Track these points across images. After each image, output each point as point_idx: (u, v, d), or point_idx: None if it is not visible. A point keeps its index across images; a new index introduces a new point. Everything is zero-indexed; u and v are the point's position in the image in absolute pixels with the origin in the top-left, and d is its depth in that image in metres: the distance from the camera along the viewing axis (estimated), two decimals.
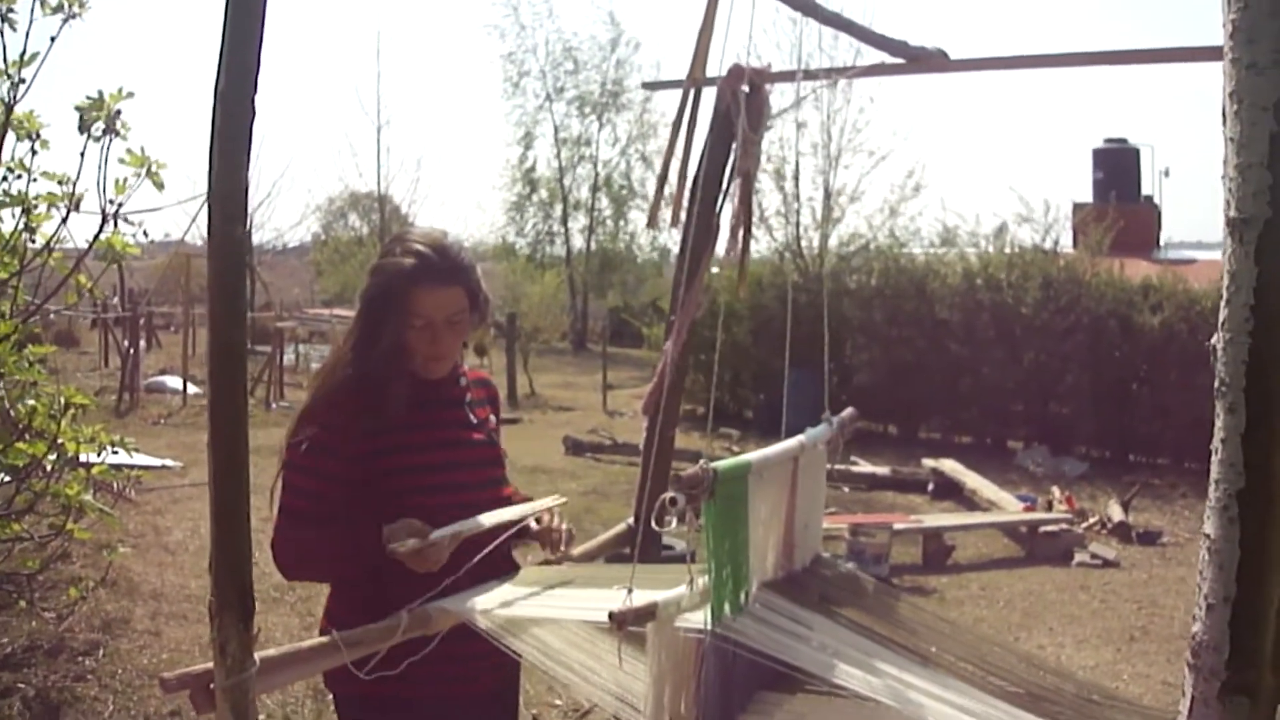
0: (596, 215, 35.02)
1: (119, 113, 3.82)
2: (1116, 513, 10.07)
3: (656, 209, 3.18)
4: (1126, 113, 66.04)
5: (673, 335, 2.98)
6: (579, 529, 2.86)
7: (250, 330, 1.79)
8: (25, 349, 4.15)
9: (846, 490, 11.18)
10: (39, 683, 5.25)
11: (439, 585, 2.44)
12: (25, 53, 3.85)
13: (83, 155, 3.83)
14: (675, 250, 3.35)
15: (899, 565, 8.42)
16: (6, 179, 4.00)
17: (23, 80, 3.87)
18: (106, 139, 3.81)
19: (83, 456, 4.28)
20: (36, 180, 3.99)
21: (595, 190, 34.89)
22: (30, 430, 4.12)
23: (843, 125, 19.74)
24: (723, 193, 3.03)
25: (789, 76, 3.07)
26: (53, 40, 3.90)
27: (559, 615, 2.32)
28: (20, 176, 4.00)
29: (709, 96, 3.06)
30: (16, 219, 4.04)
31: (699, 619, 2.15)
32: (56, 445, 4.15)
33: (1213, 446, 1.58)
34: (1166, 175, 32.81)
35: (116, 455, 4.45)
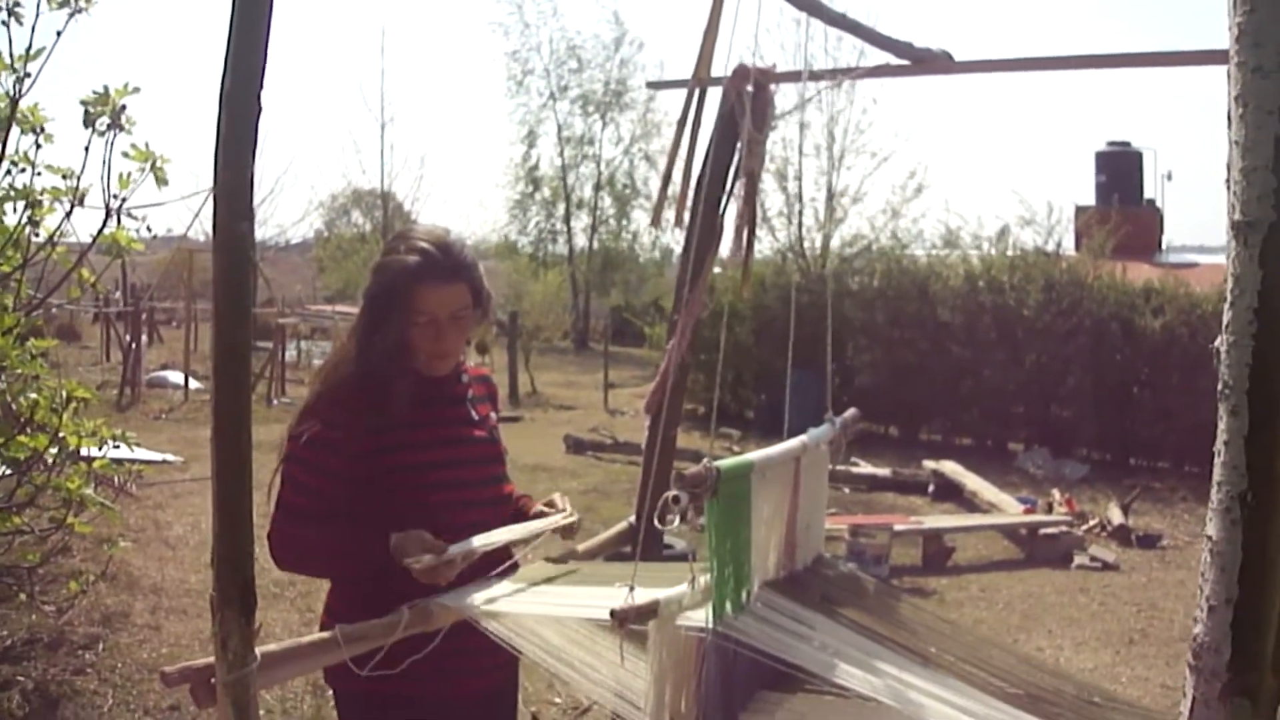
0: (599, 214, 35.02)
1: (124, 108, 3.82)
2: (1116, 515, 10.06)
3: (661, 209, 3.18)
4: (1129, 116, 65.98)
5: (676, 335, 2.98)
6: (581, 528, 2.86)
7: (252, 326, 1.79)
8: (28, 343, 4.16)
9: (847, 491, 11.18)
10: (39, 676, 5.26)
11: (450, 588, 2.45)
12: (31, 47, 3.86)
13: (87, 150, 3.84)
14: (678, 250, 3.36)
15: (899, 566, 8.42)
16: (10, 173, 4.01)
17: (28, 74, 3.88)
18: (111, 134, 3.82)
19: (84, 451, 4.29)
20: (41, 174, 4.00)
21: (598, 189, 34.89)
22: (32, 424, 4.12)
23: (846, 126, 19.82)
24: (727, 193, 3.03)
25: (794, 77, 3.07)
26: (59, 35, 3.90)
27: (560, 612, 2.32)
28: (24, 170, 4.00)
29: (713, 97, 3.06)
30: (20, 213, 4.05)
31: (700, 617, 2.15)
32: (58, 439, 4.15)
33: (1216, 449, 1.59)
34: (1169, 179, 32.87)
35: (118, 450, 4.46)
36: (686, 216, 3.10)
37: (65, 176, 3.96)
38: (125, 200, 3.90)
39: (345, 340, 2.71)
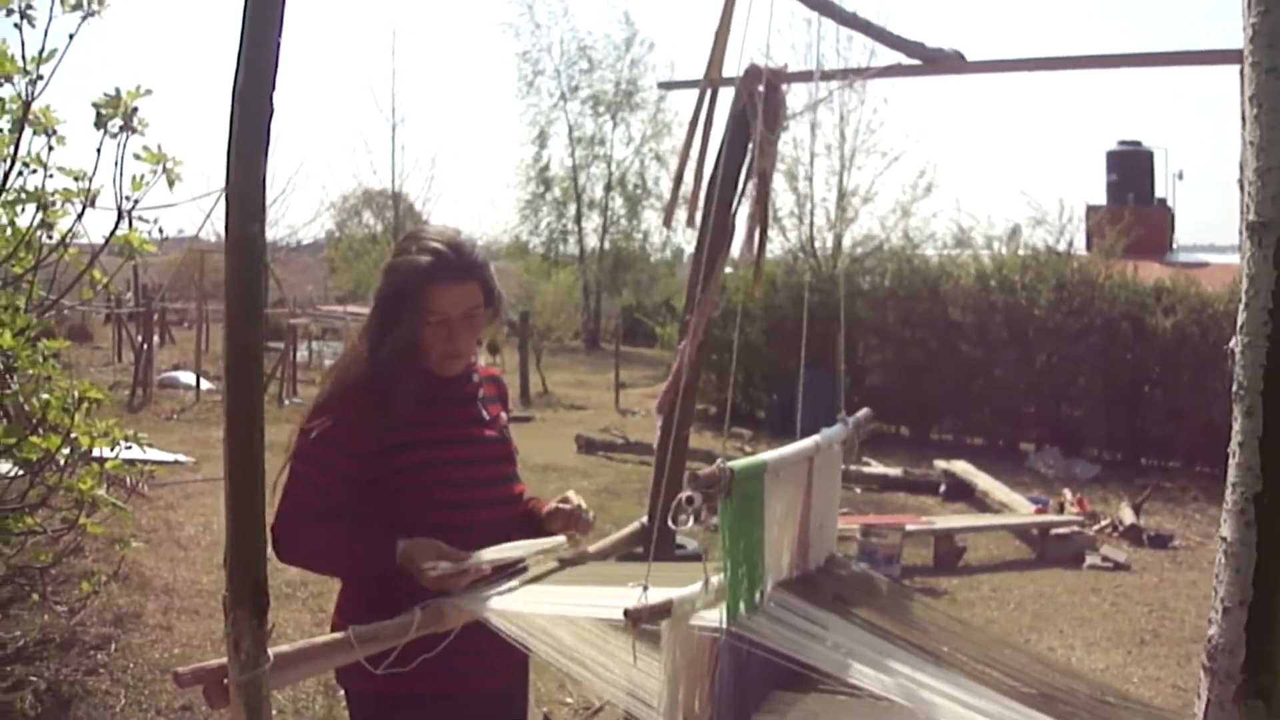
0: (610, 214, 35.01)
1: (135, 110, 3.84)
2: (1128, 515, 10.03)
3: (673, 209, 3.18)
4: (1140, 115, 65.82)
5: (688, 334, 2.98)
6: (593, 525, 2.86)
7: (263, 327, 1.78)
8: (40, 344, 4.17)
9: (858, 491, 11.15)
10: (51, 676, 5.27)
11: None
12: (44, 49, 3.87)
13: (99, 152, 3.85)
14: (689, 250, 3.36)
15: (910, 566, 8.41)
16: (23, 174, 4.02)
17: (41, 76, 3.89)
18: (123, 136, 3.83)
19: (96, 451, 4.30)
20: (53, 176, 4.01)
21: (609, 189, 34.89)
22: (44, 424, 4.13)
23: (857, 126, 19.79)
24: (739, 193, 3.03)
25: (806, 77, 3.07)
26: (71, 37, 3.91)
27: (573, 612, 2.32)
28: (36, 171, 4.01)
29: (725, 97, 3.06)
30: (33, 214, 4.06)
31: (714, 617, 2.15)
32: (70, 440, 4.16)
33: (1230, 450, 1.58)
34: (1180, 178, 32.67)
35: (129, 450, 4.46)
36: (698, 217, 3.10)
37: (77, 178, 3.97)
38: (137, 202, 3.91)
39: (356, 340, 2.71)
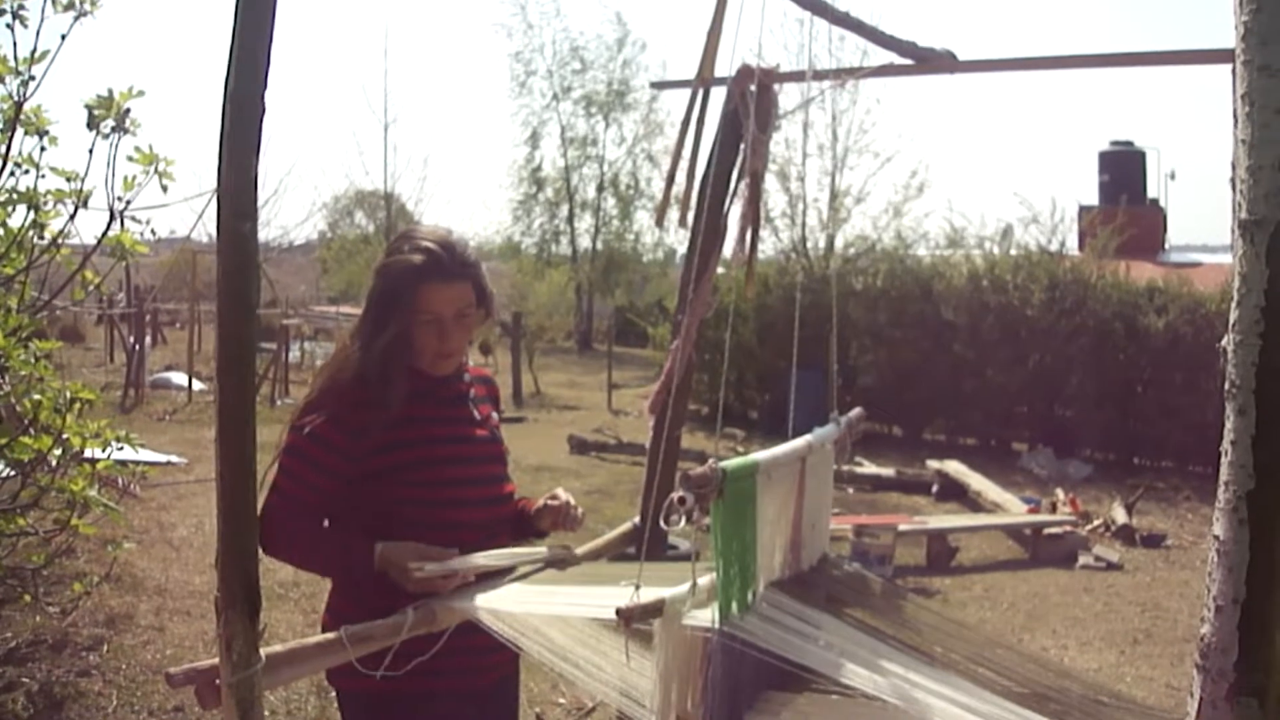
0: (602, 215, 35.00)
1: (128, 111, 3.82)
2: (1120, 515, 10.06)
3: (665, 209, 3.17)
4: (1133, 116, 66.02)
5: (680, 335, 2.98)
6: (583, 528, 2.86)
7: (256, 327, 1.78)
8: (32, 344, 4.15)
9: (851, 491, 11.17)
10: (43, 677, 5.26)
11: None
12: (35, 50, 3.85)
13: (91, 152, 3.84)
14: (681, 250, 3.36)
15: (903, 567, 8.42)
16: (15, 174, 4.01)
17: (32, 77, 3.88)
18: (115, 136, 3.82)
19: (88, 452, 4.28)
20: (45, 176, 3.99)
21: (601, 190, 34.88)
22: (36, 425, 4.11)
23: (849, 127, 19.84)
24: (731, 193, 3.03)
25: (797, 77, 3.07)
26: (63, 38, 3.90)
27: (565, 612, 2.31)
28: (28, 172, 4.00)
29: (717, 97, 3.06)
30: (24, 215, 4.05)
31: (706, 617, 2.15)
32: (61, 440, 4.14)
33: (1222, 448, 1.58)
34: (1172, 178, 32.92)
35: (121, 451, 4.45)
36: (690, 217, 3.10)
37: (69, 179, 3.96)
38: (129, 203, 3.90)
39: (348, 340, 2.71)
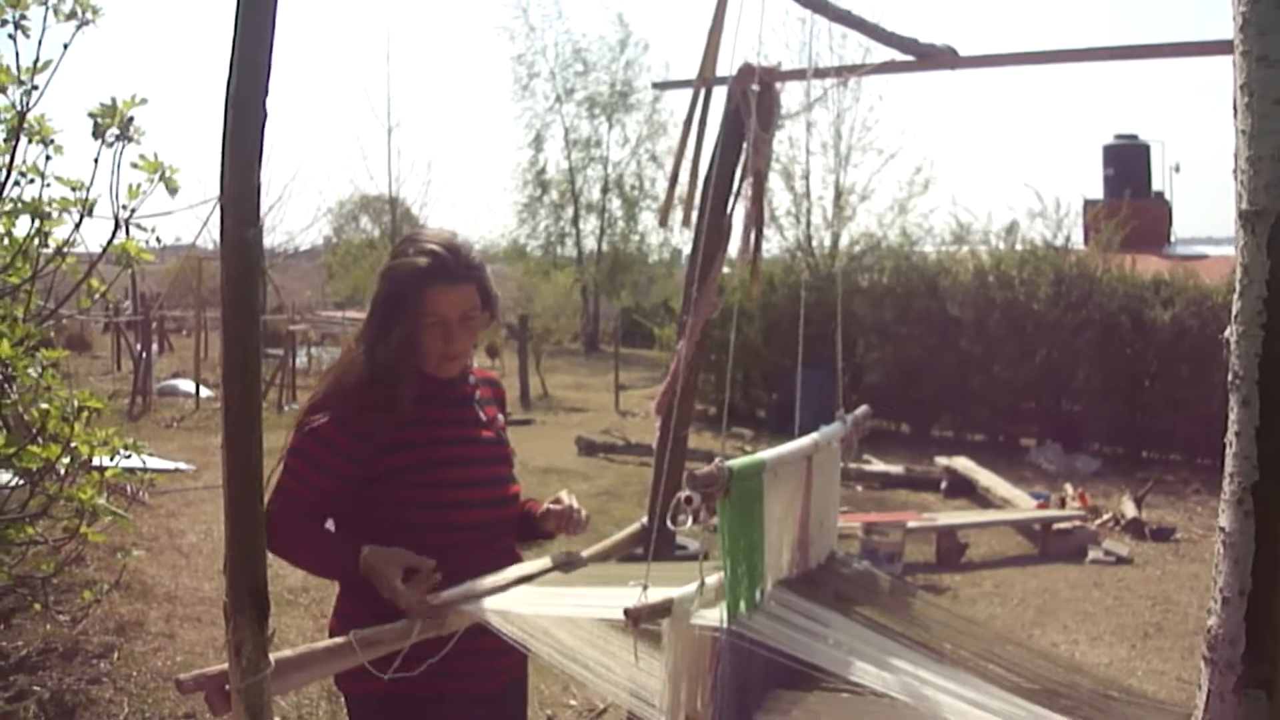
0: (608, 216, 34.97)
1: (132, 119, 3.83)
2: (1130, 509, 10.04)
3: (668, 209, 3.17)
4: (1137, 109, 65.96)
5: (685, 335, 2.97)
6: (592, 530, 2.87)
7: (262, 333, 1.78)
8: (39, 353, 4.16)
9: (860, 489, 11.17)
10: (54, 685, 5.27)
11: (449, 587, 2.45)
12: (39, 59, 3.86)
13: (96, 161, 3.85)
14: (686, 251, 3.35)
15: (912, 564, 8.42)
16: (20, 184, 4.01)
17: (35, 86, 3.89)
18: (120, 145, 3.82)
19: (96, 460, 4.29)
20: (50, 185, 4.00)
21: (606, 191, 34.84)
22: (44, 434, 4.12)
23: (852, 124, 19.80)
24: (734, 192, 3.03)
25: (799, 75, 3.06)
26: (65, 47, 3.91)
27: (574, 613, 2.32)
28: (33, 181, 4.01)
29: (719, 96, 3.06)
30: (30, 224, 4.06)
31: (715, 616, 2.15)
32: (70, 449, 4.15)
33: (1227, 440, 1.58)
34: (1177, 171, 32.81)
35: (130, 458, 4.46)
36: (694, 217, 3.10)
37: (74, 188, 3.96)
38: (134, 211, 3.91)
39: (352, 344, 2.72)
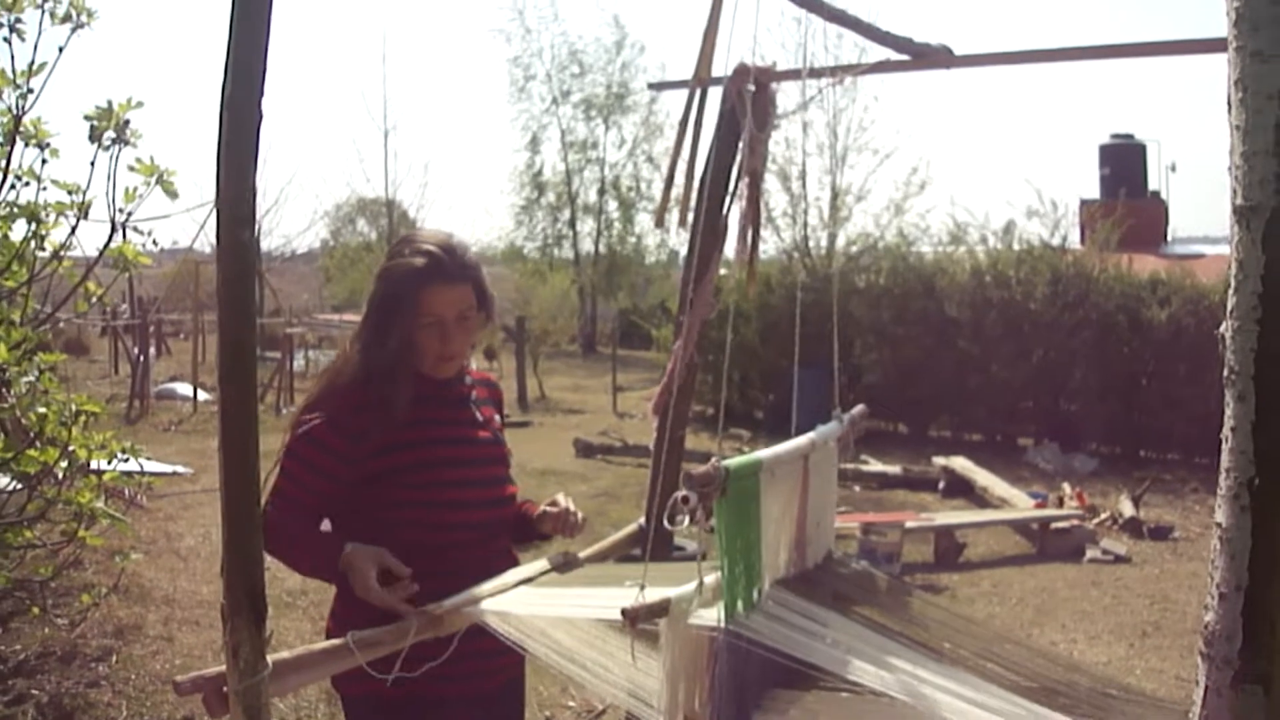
0: (604, 218, 34.97)
1: (128, 122, 3.83)
2: (1127, 508, 10.04)
3: (664, 210, 3.17)
4: (1133, 108, 66.02)
5: (682, 336, 2.98)
6: (589, 531, 2.87)
7: (259, 336, 1.78)
8: (36, 357, 4.16)
9: (858, 489, 11.17)
10: (52, 689, 5.27)
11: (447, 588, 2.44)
12: (34, 63, 3.86)
13: (92, 164, 3.85)
14: (683, 252, 3.35)
15: (910, 563, 8.42)
16: (15, 187, 4.01)
17: (31, 90, 3.89)
18: (116, 148, 3.82)
19: (94, 463, 4.29)
20: (46, 189, 4.00)
21: (602, 193, 34.85)
22: (41, 438, 4.12)
23: (848, 125, 19.82)
24: (730, 193, 3.03)
25: (795, 75, 3.07)
26: (61, 50, 3.91)
27: (571, 613, 2.32)
28: (29, 185, 4.01)
29: (714, 97, 3.06)
30: (26, 228, 4.06)
31: (712, 616, 2.15)
32: (68, 453, 4.15)
33: (1223, 435, 1.58)
34: (1173, 170, 32.83)
35: (127, 462, 4.46)
36: (690, 217, 3.10)
37: (71, 191, 3.96)
38: (131, 214, 3.91)
39: (349, 345, 2.72)
